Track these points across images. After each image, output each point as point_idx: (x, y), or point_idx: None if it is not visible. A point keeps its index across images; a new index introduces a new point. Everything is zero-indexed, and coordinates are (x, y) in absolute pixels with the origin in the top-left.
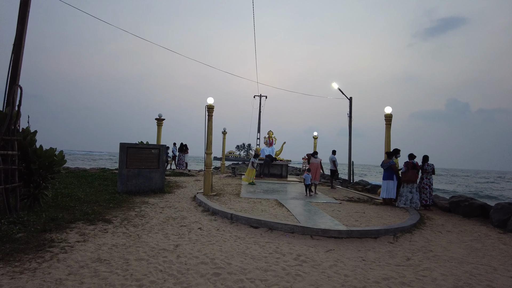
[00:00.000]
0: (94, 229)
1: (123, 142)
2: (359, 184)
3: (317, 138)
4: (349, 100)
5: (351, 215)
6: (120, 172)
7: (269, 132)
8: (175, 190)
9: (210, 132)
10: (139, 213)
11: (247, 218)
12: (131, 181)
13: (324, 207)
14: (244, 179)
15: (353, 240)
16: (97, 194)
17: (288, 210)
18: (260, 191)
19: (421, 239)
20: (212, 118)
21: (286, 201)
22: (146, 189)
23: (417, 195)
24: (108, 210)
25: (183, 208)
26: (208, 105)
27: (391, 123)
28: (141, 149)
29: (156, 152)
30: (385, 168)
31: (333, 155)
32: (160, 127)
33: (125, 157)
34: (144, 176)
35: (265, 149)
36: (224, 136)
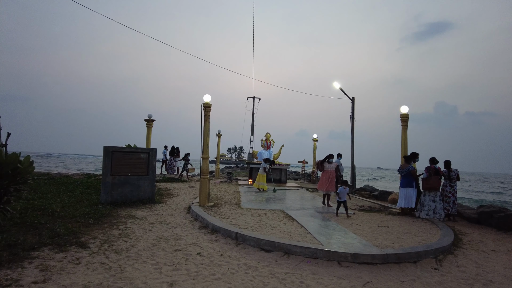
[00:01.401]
0: (63, 259)
1: (107, 146)
2: (365, 189)
3: (317, 141)
4: (351, 101)
5: (375, 230)
6: (104, 179)
7: (266, 134)
8: (166, 199)
9: (207, 134)
10: (124, 231)
11: (256, 239)
12: (117, 190)
13: (340, 220)
14: (255, 185)
15: (390, 267)
16: (76, 206)
17: (302, 226)
18: (261, 199)
19: (470, 263)
20: (209, 118)
21: (295, 213)
22: (133, 198)
23: (440, 204)
24: (86, 229)
25: (177, 223)
26: (205, 103)
27: (407, 124)
28: (128, 153)
29: (145, 156)
30: (403, 174)
31: (337, 159)
32: (150, 129)
33: (109, 163)
34: (131, 184)
35: (262, 153)
36: (219, 138)
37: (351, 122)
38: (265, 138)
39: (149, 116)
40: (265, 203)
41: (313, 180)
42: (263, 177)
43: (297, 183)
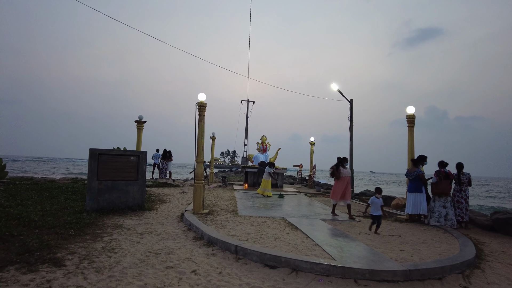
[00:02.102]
0: (30, 283)
1: (93, 148)
2: (366, 194)
3: (314, 144)
4: (350, 103)
5: (388, 241)
6: (89, 185)
7: (262, 137)
8: (157, 206)
9: (202, 135)
10: (109, 244)
11: (259, 253)
12: (103, 196)
13: (347, 229)
14: (259, 191)
15: (414, 285)
16: (58, 214)
17: (308, 236)
18: (259, 205)
19: (501, 280)
20: (204, 119)
21: (297, 221)
22: (121, 205)
23: (452, 210)
24: (65, 241)
25: (169, 234)
26: (199, 102)
27: (414, 125)
28: (116, 157)
29: (135, 160)
30: (411, 179)
31: None
32: (141, 131)
33: (96, 166)
34: (119, 190)
35: (258, 156)
36: (213, 141)
37: (350, 125)
38: (261, 141)
39: (139, 117)
40: (263, 209)
41: (310, 185)
42: (268, 182)
43: (294, 187)
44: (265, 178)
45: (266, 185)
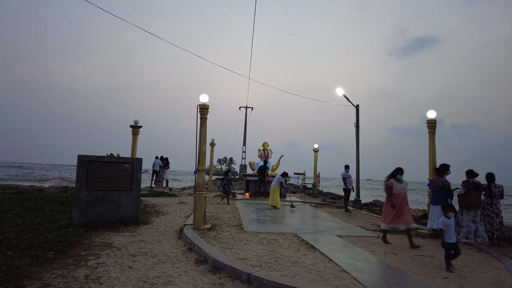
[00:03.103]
0: None
1: (82, 155)
2: (375, 205)
3: (318, 151)
4: (356, 108)
5: (422, 263)
6: (77, 195)
7: (264, 144)
8: (153, 219)
9: (204, 141)
10: (94, 271)
11: (279, 286)
12: (93, 208)
13: (369, 247)
14: (269, 201)
15: None
16: (39, 230)
17: (329, 259)
18: (265, 218)
19: None
20: (206, 122)
21: (312, 239)
22: (113, 219)
23: (482, 225)
24: (40, 268)
25: (166, 255)
26: (201, 104)
27: (435, 131)
28: (107, 164)
29: (129, 167)
30: (435, 190)
31: (345, 171)
32: (136, 136)
33: (85, 175)
34: (111, 201)
35: (259, 163)
36: (212, 148)
37: (356, 131)
38: (263, 148)
39: (135, 121)
40: (270, 223)
41: (314, 194)
42: (276, 192)
43: (298, 197)
44: (274, 186)
45: (275, 195)
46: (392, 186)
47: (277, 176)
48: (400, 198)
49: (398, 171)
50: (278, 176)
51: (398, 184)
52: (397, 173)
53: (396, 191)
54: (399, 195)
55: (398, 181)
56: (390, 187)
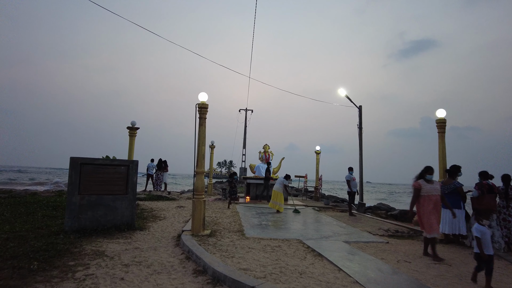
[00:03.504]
0: None
1: (75, 157)
2: (380, 208)
3: (320, 153)
4: (359, 109)
5: (440, 273)
6: (69, 200)
7: (264, 146)
8: (150, 224)
9: (203, 142)
10: (81, 284)
11: None
12: (86, 213)
13: (379, 254)
14: (270, 205)
15: None
16: (27, 237)
17: (339, 268)
18: (267, 223)
19: None
20: (205, 122)
21: (318, 245)
22: (107, 224)
23: (498, 230)
24: (21, 282)
25: (162, 265)
26: (200, 103)
27: (445, 131)
28: (102, 167)
29: (124, 170)
30: (447, 192)
31: (349, 173)
32: (133, 138)
33: (77, 178)
34: (105, 206)
35: (260, 166)
36: (212, 150)
37: (359, 132)
38: (264, 150)
39: (132, 123)
40: (273, 229)
41: (316, 197)
42: (280, 195)
43: (299, 200)
44: (277, 189)
45: (278, 198)
46: (421, 187)
47: (280, 178)
48: (433, 201)
49: (427, 171)
50: (281, 179)
51: (427, 185)
52: (426, 172)
53: (425, 193)
54: (430, 197)
55: (428, 181)
56: (418, 189)
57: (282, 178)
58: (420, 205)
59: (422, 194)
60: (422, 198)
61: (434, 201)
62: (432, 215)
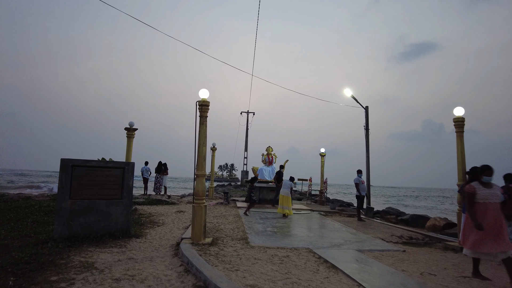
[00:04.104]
0: None
1: (66, 158)
2: (389, 213)
3: (325, 156)
4: (365, 110)
5: None
6: (59, 205)
7: (268, 148)
8: (147, 231)
9: (204, 142)
10: None
11: None
12: (78, 219)
13: (399, 265)
14: (279, 210)
15: None
16: (11, 246)
17: (360, 285)
18: (272, 229)
19: None
20: (206, 121)
21: (330, 255)
22: (101, 231)
23: None
24: None
25: (158, 279)
26: (201, 101)
27: (463, 130)
28: (95, 169)
29: (119, 173)
30: None
31: (358, 176)
32: (131, 139)
33: (68, 182)
34: (98, 211)
35: (263, 169)
36: (214, 152)
37: (366, 134)
38: (267, 152)
39: (130, 124)
40: (279, 236)
41: (321, 201)
42: (288, 199)
43: (304, 204)
44: (284, 194)
45: (286, 202)
46: (475, 192)
47: (286, 181)
48: (490, 210)
49: (485, 170)
50: (287, 182)
51: (484, 190)
52: (482, 173)
53: (481, 199)
54: (487, 205)
55: (485, 185)
56: (471, 194)
57: (289, 182)
58: (469, 212)
59: (477, 200)
60: (476, 205)
61: (492, 209)
62: (491, 229)
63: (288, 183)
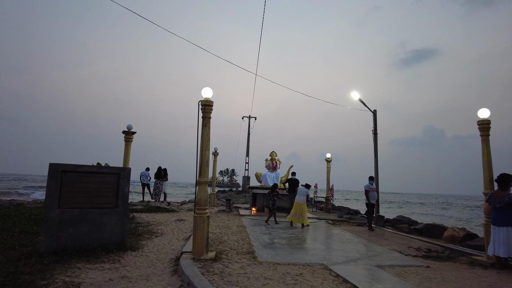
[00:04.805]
0: None
1: (55, 163)
2: (401, 221)
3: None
4: (373, 114)
5: None
6: (47, 215)
7: (271, 153)
8: (144, 243)
9: (207, 146)
10: None
11: None
12: (67, 230)
13: (426, 283)
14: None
15: None
16: None
17: None
18: (280, 240)
19: None
20: (209, 123)
21: (349, 273)
22: (93, 243)
23: None
24: None
25: None
26: (204, 100)
27: (489, 133)
28: (87, 175)
29: (114, 179)
30: (498, 207)
31: (369, 183)
32: (129, 144)
33: (57, 189)
34: (91, 222)
35: (267, 175)
36: (216, 158)
37: (374, 138)
38: (271, 157)
39: (128, 127)
40: (289, 248)
41: (327, 209)
42: (304, 207)
43: (309, 212)
44: (300, 201)
45: (301, 211)
46: None
47: (301, 188)
48: None
49: None
50: (302, 189)
51: None
52: None
53: None
54: None
55: None
56: None
57: (305, 189)
58: None
59: None
60: None
61: None
62: None
63: (304, 190)
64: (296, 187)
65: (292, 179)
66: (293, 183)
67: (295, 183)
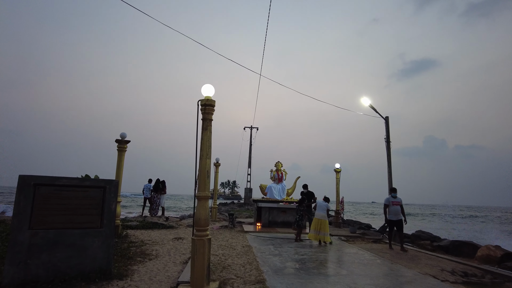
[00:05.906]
0: None
1: (26, 175)
2: (421, 238)
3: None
4: (385, 120)
5: None
6: (14, 238)
7: (277, 163)
8: (135, 268)
9: (207, 153)
10: None
11: None
12: (39, 257)
13: None
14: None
15: None
16: None
17: None
18: (293, 264)
19: None
20: (211, 125)
21: None
22: (71, 272)
23: None
24: None
25: None
26: (204, 99)
27: None
28: (66, 189)
29: (98, 194)
30: None
31: (389, 196)
32: (123, 153)
33: (29, 206)
34: (69, 245)
35: (272, 187)
36: (217, 169)
37: (387, 146)
38: (276, 168)
39: (121, 135)
40: (305, 275)
41: (337, 223)
42: (325, 223)
43: None
44: (320, 217)
45: (323, 227)
46: None
47: (321, 202)
48: None
49: None
50: (322, 203)
51: None
52: None
53: None
54: None
55: None
56: None
57: (325, 202)
58: None
59: None
60: None
61: None
62: None
63: (324, 204)
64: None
65: (308, 192)
66: (309, 196)
67: (310, 197)
